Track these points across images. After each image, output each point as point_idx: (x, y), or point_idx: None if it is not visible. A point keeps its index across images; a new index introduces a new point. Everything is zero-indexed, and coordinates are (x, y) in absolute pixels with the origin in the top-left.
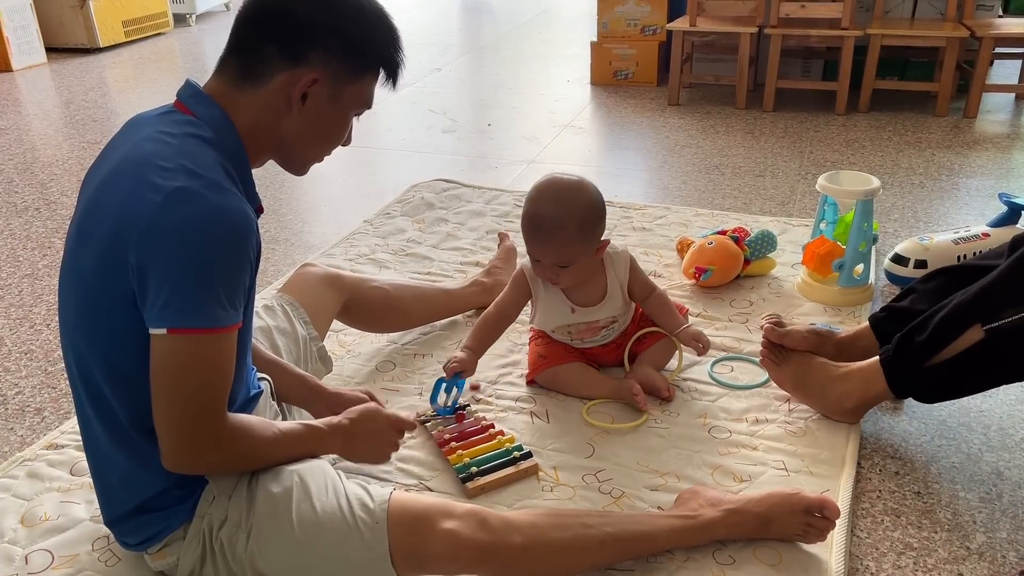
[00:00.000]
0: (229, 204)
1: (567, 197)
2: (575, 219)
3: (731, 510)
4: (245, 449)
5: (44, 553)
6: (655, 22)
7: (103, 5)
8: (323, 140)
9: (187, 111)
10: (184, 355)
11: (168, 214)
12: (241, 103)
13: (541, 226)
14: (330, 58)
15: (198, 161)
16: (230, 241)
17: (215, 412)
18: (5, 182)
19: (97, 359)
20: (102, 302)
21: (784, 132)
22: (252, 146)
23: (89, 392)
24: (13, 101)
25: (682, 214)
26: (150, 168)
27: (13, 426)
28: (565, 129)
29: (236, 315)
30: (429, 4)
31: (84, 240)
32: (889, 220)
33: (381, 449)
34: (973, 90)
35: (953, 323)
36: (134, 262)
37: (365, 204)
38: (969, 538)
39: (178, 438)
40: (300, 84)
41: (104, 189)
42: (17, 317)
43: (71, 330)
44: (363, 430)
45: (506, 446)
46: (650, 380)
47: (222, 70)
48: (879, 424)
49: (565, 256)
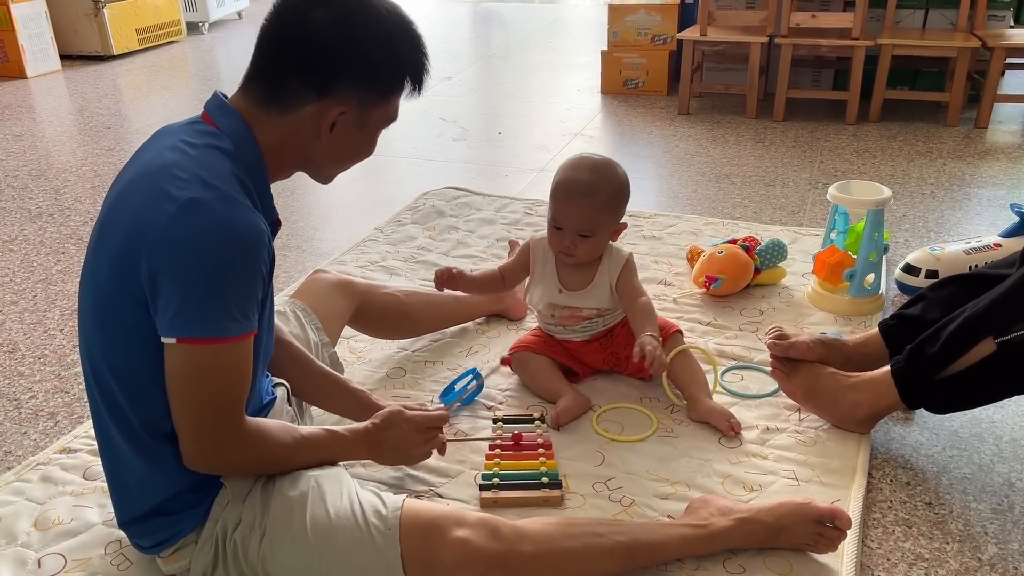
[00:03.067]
0: (240, 216)
1: (603, 168)
2: (608, 188)
3: (742, 519)
4: (265, 452)
5: (57, 557)
6: (665, 31)
7: (117, 13)
8: (350, 159)
9: (211, 123)
10: (195, 364)
11: (180, 225)
12: (267, 125)
13: (577, 188)
14: (356, 88)
15: (214, 172)
16: (239, 253)
17: (231, 416)
18: (20, 188)
19: (111, 364)
20: (116, 308)
21: (794, 141)
22: (276, 162)
23: (104, 397)
24: (28, 108)
25: (692, 223)
26: (166, 177)
27: (27, 430)
28: (575, 138)
29: (248, 324)
30: (440, 13)
31: (102, 246)
32: (900, 230)
33: (409, 452)
34: (984, 100)
35: (965, 336)
36: (145, 270)
37: (376, 211)
38: (981, 549)
39: (196, 440)
40: (329, 116)
41: (123, 197)
42: (31, 322)
43: (88, 335)
44: (387, 435)
45: (541, 469)
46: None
47: (248, 88)
48: (890, 434)
49: (592, 223)
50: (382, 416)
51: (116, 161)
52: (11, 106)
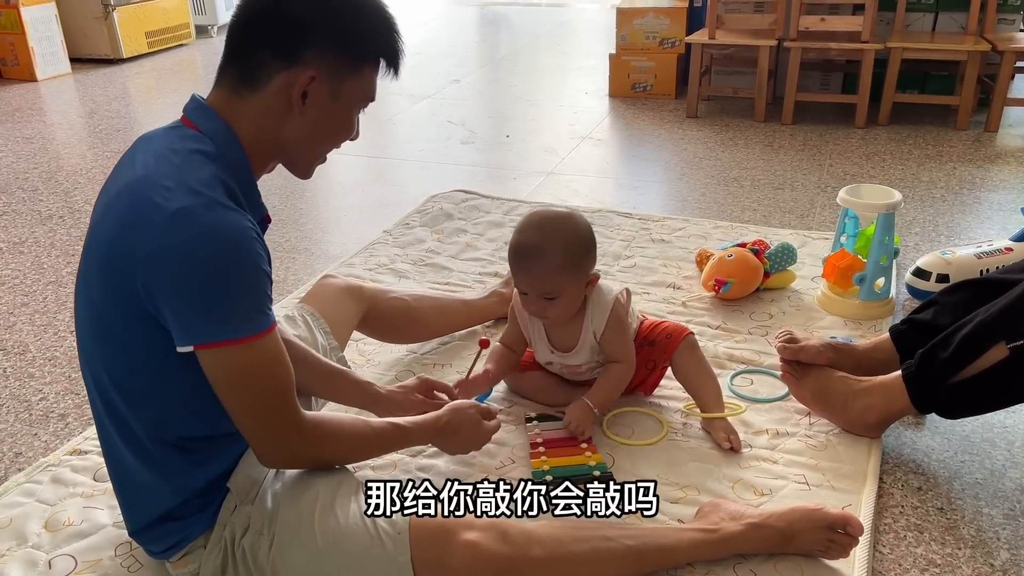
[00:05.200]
0: (226, 221)
1: (553, 225)
2: (560, 247)
3: (753, 524)
4: (334, 444)
5: (67, 558)
6: (674, 35)
7: (127, 17)
8: (327, 138)
9: (192, 126)
10: (226, 369)
11: (171, 238)
12: (242, 110)
13: (525, 253)
14: (325, 53)
15: (199, 178)
16: (234, 258)
17: (282, 411)
18: (30, 190)
19: (113, 376)
20: (113, 322)
21: (803, 145)
22: (257, 154)
23: (107, 407)
24: (38, 111)
25: (701, 226)
26: (153, 187)
27: (37, 431)
28: (583, 141)
29: (265, 319)
30: (447, 16)
31: (91, 261)
32: (910, 234)
33: (470, 444)
34: (994, 104)
35: (977, 341)
36: (142, 285)
37: (384, 214)
38: (993, 555)
39: (258, 441)
40: (298, 83)
41: (110, 209)
42: (42, 324)
43: (87, 348)
44: (455, 430)
45: (590, 463)
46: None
47: (221, 80)
48: (901, 439)
49: (550, 286)
50: (449, 410)
51: None
52: (21, 109)
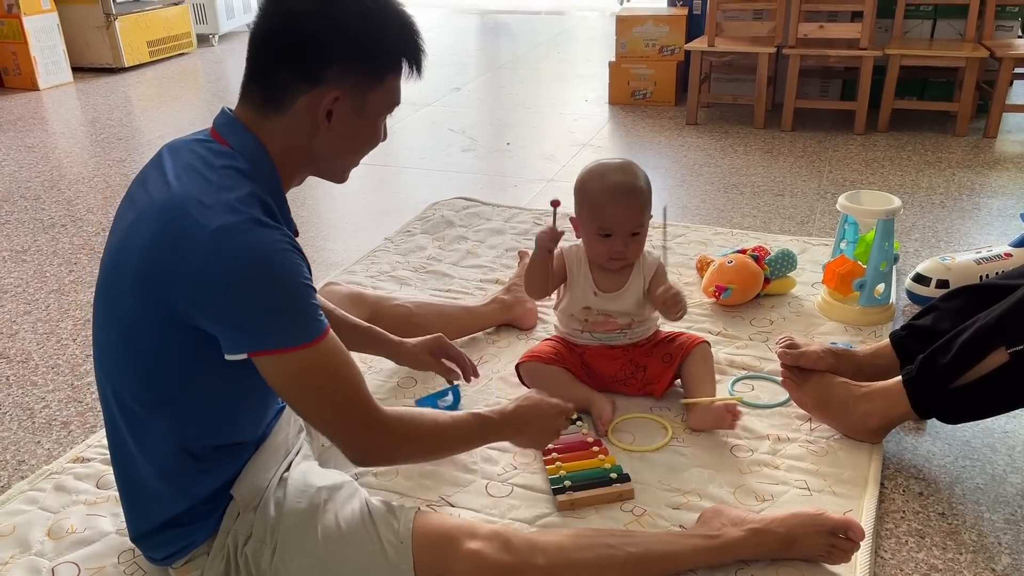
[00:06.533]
0: (265, 238)
1: (631, 168)
2: (644, 184)
3: (755, 530)
4: (418, 437)
5: (71, 566)
6: (673, 42)
7: (128, 26)
8: (356, 150)
9: (223, 141)
10: (287, 374)
11: (212, 257)
12: (269, 128)
13: (626, 190)
14: (346, 70)
15: (236, 196)
16: (274, 273)
17: (356, 407)
18: (32, 199)
19: (136, 384)
20: (143, 332)
21: (803, 152)
22: (286, 169)
23: (126, 414)
24: (40, 120)
25: (701, 233)
26: (191, 203)
27: (40, 439)
28: (583, 148)
29: (317, 326)
30: (448, 24)
31: (122, 271)
32: (910, 240)
33: (545, 437)
34: (993, 110)
35: (977, 346)
36: (183, 301)
37: (386, 222)
38: (994, 560)
39: (339, 440)
40: (323, 104)
41: (144, 223)
42: (44, 332)
43: (108, 356)
44: (532, 419)
45: (605, 465)
46: (710, 421)
47: (246, 97)
48: (902, 444)
49: (640, 219)
50: (529, 403)
51: (128, 172)
52: (23, 118)
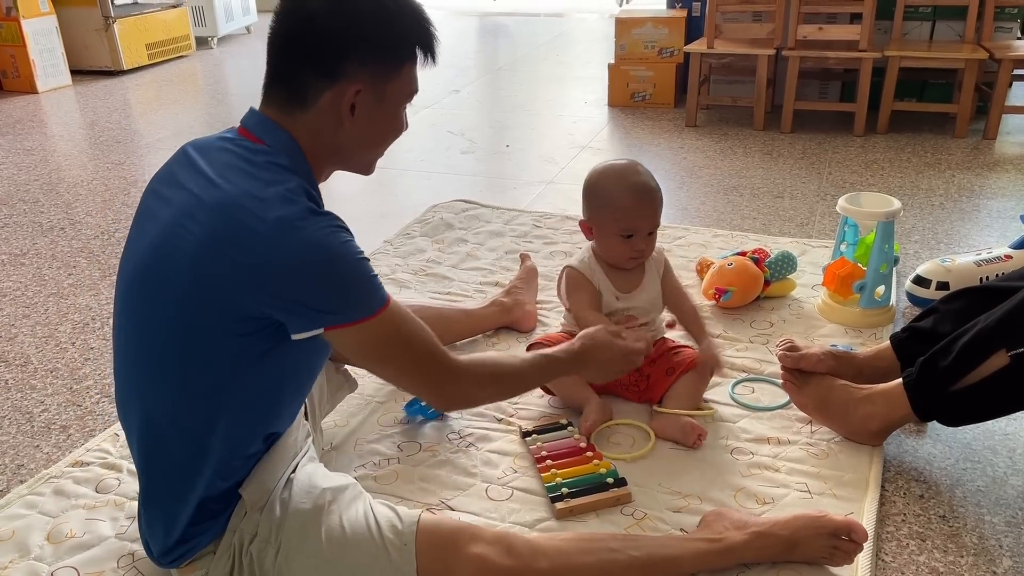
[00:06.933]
0: (322, 224)
1: (642, 168)
2: (656, 182)
3: (757, 533)
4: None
5: (70, 570)
6: (673, 44)
7: (127, 28)
8: (381, 141)
9: (255, 139)
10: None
11: (277, 248)
12: (296, 127)
13: (648, 191)
14: (365, 64)
15: (287, 188)
16: (336, 255)
17: (430, 360)
18: (31, 202)
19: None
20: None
21: (802, 153)
22: (316, 164)
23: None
24: (39, 122)
25: (701, 235)
26: (245, 199)
27: (39, 443)
28: (583, 150)
29: (382, 294)
30: (447, 26)
31: (168, 272)
32: (910, 241)
33: (611, 373)
34: (992, 112)
35: (977, 348)
36: (247, 293)
37: (385, 224)
38: (995, 563)
39: (422, 393)
40: (346, 98)
41: (193, 223)
42: (43, 335)
43: (145, 362)
44: (598, 356)
45: (601, 470)
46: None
47: (270, 96)
48: (903, 447)
49: (658, 217)
50: (596, 342)
51: (126, 175)
52: (22, 121)
